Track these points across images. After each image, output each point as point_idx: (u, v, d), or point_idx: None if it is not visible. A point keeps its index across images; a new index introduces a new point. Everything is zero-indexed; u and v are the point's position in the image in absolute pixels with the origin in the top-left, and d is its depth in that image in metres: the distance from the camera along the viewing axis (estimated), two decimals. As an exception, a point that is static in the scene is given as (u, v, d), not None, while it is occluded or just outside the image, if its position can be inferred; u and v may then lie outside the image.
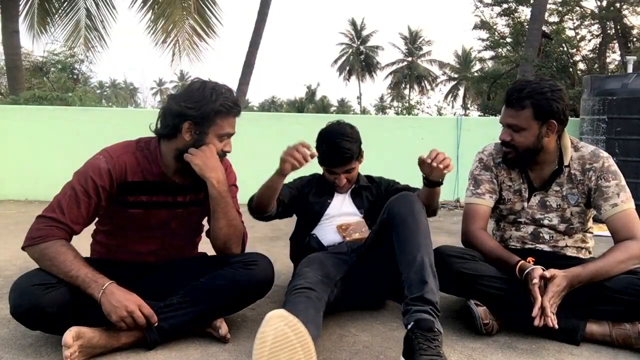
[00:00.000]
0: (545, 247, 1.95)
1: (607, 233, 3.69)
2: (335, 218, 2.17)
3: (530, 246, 1.96)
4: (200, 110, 1.66)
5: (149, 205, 1.76)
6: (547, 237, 1.95)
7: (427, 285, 1.51)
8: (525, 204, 1.95)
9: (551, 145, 1.88)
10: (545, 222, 1.93)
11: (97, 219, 1.79)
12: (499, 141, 1.95)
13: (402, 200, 1.74)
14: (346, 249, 2.06)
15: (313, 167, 2.08)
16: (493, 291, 1.77)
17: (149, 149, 1.76)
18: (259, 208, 2.01)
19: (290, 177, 2.08)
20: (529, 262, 1.75)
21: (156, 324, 1.59)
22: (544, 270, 1.69)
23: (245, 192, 1.92)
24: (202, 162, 1.67)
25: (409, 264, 1.56)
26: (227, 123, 1.72)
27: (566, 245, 1.96)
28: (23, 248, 1.63)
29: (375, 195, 2.25)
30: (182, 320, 1.65)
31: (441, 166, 1.74)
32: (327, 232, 2.15)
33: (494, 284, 1.77)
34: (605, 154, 1.91)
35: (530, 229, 1.97)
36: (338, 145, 2.09)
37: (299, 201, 2.22)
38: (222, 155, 1.77)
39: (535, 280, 1.64)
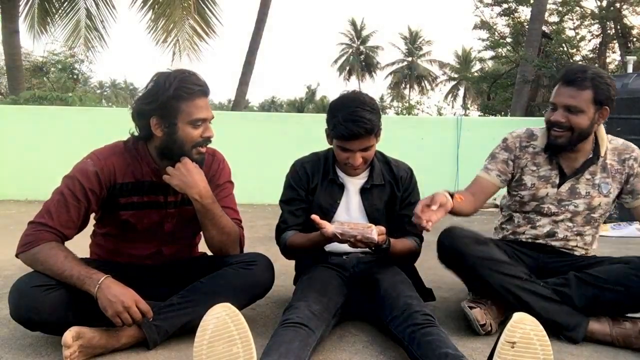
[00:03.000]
0: (557, 244, 1.96)
1: (605, 233, 3.70)
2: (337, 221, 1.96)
3: (541, 242, 1.97)
4: (157, 102, 1.60)
5: (140, 206, 1.74)
6: (561, 235, 1.95)
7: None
8: (553, 190, 1.92)
9: (596, 133, 1.89)
10: (571, 207, 1.91)
11: (94, 221, 1.78)
12: (529, 129, 1.97)
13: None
14: (349, 266, 1.93)
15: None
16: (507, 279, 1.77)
17: (136, 148, 1.72)
18: (294, 256, 2.01)
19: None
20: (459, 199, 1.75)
21: (152, 320, 1.58)
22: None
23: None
24: (180, 180, 1.64)
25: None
26: (194, 107, 1.62)
27: (576, 246, 1.97)
28: (17, 255, 1.63)
29: (389, 197, 1.96)
30: (183, 320, 1.64)
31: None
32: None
33: (506, 271, 1.78)
34: (634, 145, 1.96)
35: (547, 227, 1.95)
36: (357, 114, 1.75)
37: (309, 204, 1.98)
38: (203, 142, 1.68)
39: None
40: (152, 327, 1.60)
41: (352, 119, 1.76)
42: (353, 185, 1.97)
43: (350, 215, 1.94)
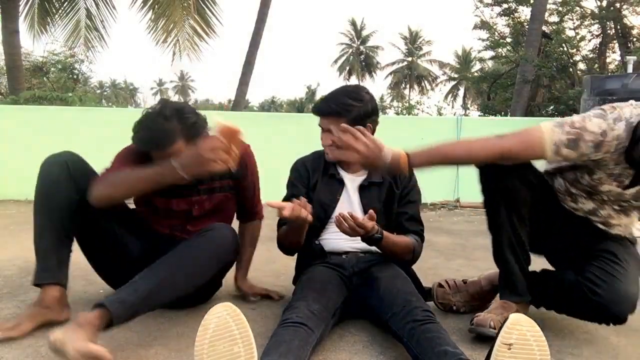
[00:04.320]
0: (596, 220, 1.82)
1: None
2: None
3: (581, 215, 1.83)
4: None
5: (169, 194, 1.84)
6: (604, 213, 1.79)
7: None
8: (618, 190, 1.71)
9: None
10: (626, 203, 1.75)
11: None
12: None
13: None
14: (349, 265, 1.92)
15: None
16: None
17: None
18: (292, 249, 2.02)
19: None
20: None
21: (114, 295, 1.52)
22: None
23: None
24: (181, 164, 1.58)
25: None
26: (159, 156, 1.71)
27: (617, 225, 1.82)
28: (91, 196, 1.68)
29: (387, 195, 1.97)
30: (146, 289, 1.54)
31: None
32: (330, 236, 1.97)
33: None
34: None
35: (590, 206, 1.80)
36: (332, 94, 1.87)
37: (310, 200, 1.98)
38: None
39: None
40: (115, 303, 1.48)
41: (326, 97, 1.87)
42: (352, 182, 1.98)
43: (344, 209, 1.91)
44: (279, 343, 1.43)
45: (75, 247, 1.86)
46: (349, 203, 1.96)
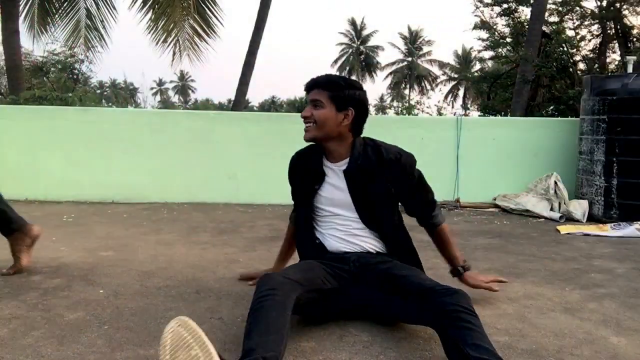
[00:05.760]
0: None
1: (605, 233, 3.70)
2: (330, 213, 1.97)
3: None
4: None
5: None
6: None
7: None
8: None
9: None
10: None
11: None
12: None
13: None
14: (350, 260, 1.91)
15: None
16: None
17: None
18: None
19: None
20: None
21: None
22: None
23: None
24: None
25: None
26: None
27: None
28: None
29: (379, 179, 1.92)
30: None
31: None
32: (328, 233, 1.99)
33: None
34: None
35: None
36: (320, 75, 1.97)
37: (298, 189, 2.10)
38: None
39: None
40: None
41: (315, 77, 1.95)
42: (336, 171, 1.97)
43: (333, 199, 1.95)
44: (257, 321, 1.44)
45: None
46: (333, 193, 1.96)
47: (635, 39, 13.39)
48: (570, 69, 11.65)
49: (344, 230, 1.97)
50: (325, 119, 1.87)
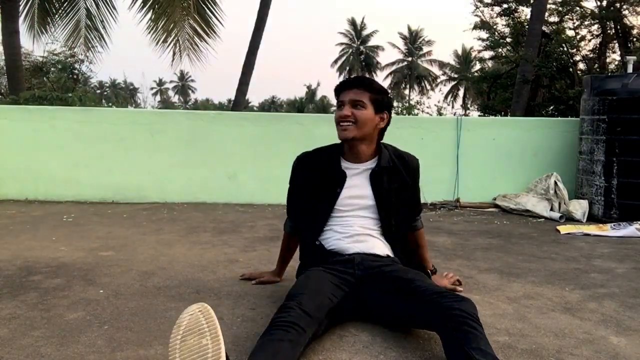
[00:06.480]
0: None
1: (605, 233, 3.69)
2: (348, 214, 1.98)
3: None
4: None
5: None
6: None
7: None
8: None
9: None
10: None
11: None
12: None
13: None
14: (354, 263, 1.90)
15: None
16: None
17: None
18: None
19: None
20: None
21: None
22: None
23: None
24: None
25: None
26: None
27: None
28: None
29: (401, 183, 2.02)
30: None
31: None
32: (332, 234, 1.98)
33: None
34: None
35: None
36: (357, 76, 2.08)
37: (306, 196, 2.06)
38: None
39: None
40: None
41: (351, 77, 2.00)
42: (362, 170, 2.00)
43: (354, 200, 1.98)
44: (268, 343, 1.42)
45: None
46: (354, 193, 1.98)
47: (635, 39, 13.38)
48: (570, 69, 11.64)
49: (357, 231, 1.97)
50: (366, 120, 1.93)
